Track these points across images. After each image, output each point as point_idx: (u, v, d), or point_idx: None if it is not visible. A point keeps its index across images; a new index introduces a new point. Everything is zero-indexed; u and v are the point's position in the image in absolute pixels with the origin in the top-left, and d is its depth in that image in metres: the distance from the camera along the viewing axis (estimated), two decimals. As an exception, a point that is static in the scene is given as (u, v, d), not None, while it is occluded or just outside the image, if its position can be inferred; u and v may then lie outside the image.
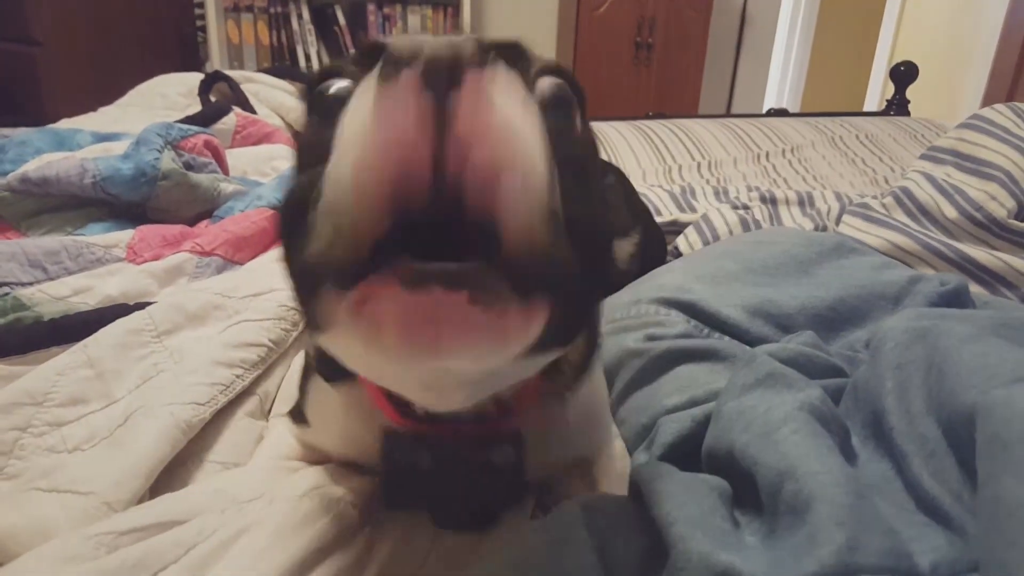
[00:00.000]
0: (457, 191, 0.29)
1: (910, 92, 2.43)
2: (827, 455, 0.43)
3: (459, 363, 0.32)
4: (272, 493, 0.59)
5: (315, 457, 0.67)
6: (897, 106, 2.43)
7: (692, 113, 3.13)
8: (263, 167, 1.38)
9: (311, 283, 0.32)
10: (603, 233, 0.44)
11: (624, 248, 1.00)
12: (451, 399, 0.41)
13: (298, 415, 0.67)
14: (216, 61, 3.29)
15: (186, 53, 3.34)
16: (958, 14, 3.86)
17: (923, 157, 1.21)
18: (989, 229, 1.06)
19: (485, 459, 0.51)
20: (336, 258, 0.30)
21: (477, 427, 0.50)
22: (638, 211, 1.09)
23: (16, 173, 1.03)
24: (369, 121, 0.29)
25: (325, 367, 0.56)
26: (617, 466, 0.67)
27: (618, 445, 0.70)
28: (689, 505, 0.44)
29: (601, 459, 0.67)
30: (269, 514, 0.56)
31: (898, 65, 2.40)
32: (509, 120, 0.30)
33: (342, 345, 0.35)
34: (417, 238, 0.30)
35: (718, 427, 0.54)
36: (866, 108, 4.53)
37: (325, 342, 0.36)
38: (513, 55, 0.38)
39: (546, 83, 0.40)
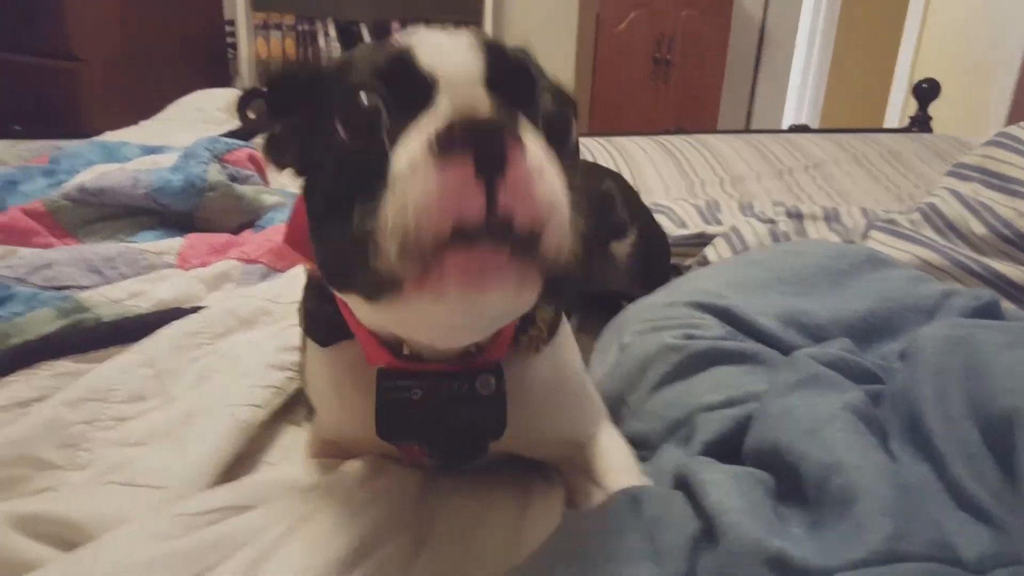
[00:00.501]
0: (504, 231, 0.40)
1: (932, 108, 2.45)
2: (872, 451, 0.46)
3: (496, 301, 0.43)
4: (328, 483, 0.62)
5: (332, 451, 0.70)
6: (920, 123, 2.44)
7: (711, 129, 3.16)
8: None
9: (374, 274, 0.42)
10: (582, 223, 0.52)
11: (621, 248, 1.04)
12: (467, 336, 0.52)
13: (308, 406, 0.71)
14: (245, 76, 3.36)
15: (216, 68, 3.42)
16: (980, 29, 3.87)
17: (950, 174, 1.23)
18: (1018, 245, 1.07)
19: (470, 388, 0.56)
20: (403, 263, 0.41)
21: (461, 362, 0.57)
22: (636, 212, 1.12)
23: (73, 183, 1.08)
24: (432, 186, 0.39)
25: (318, 332, 0.63)
26: (621, 460, 0.69)
27: (619, 439, 0.72)
28: (739, 495, 0.46)
29: (598, 451, 0.69)
30: (327, 503, 0.59)
31: (920, 82, 2.42)
32: (543, 182, 0.41)
33: (400, 311, 0.45)
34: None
35: (763, 424, 0.57)
36: (886, 124, 4.54)
37: (383, 311, 0.46)
38: (523, 78, 0.48)
39: (550, 104, 0.49)
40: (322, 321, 0.62)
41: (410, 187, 0.40)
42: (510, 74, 0.47)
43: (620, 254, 1.07)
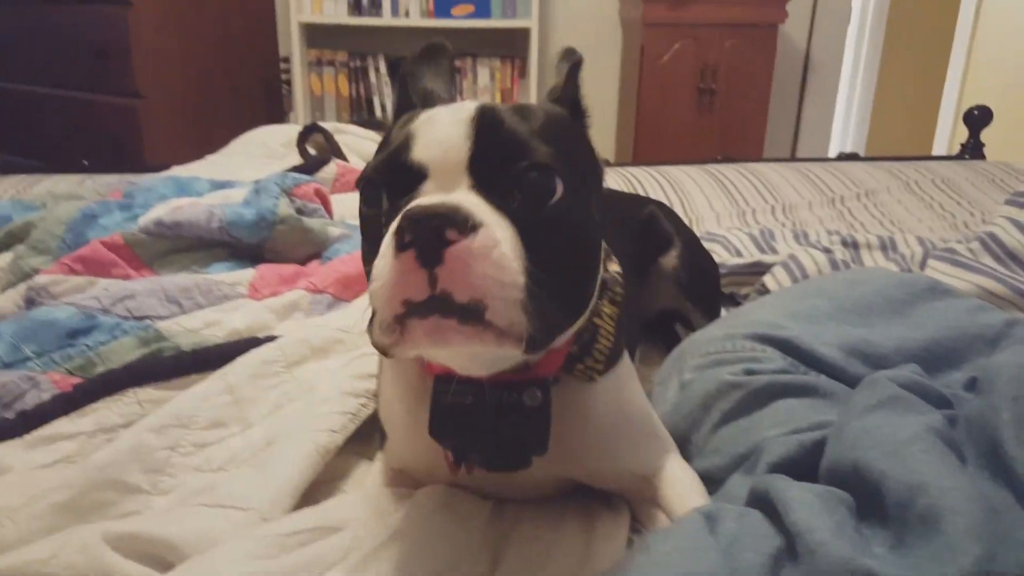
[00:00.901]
0: (446, 304, 0.50)
1: (982, 135, 2.42)
2: (958, 473, 0.47)
3: (472, 351, 0.55)
4: (407, 508, 0.64)
5: (402, 480, 0.73)
6: (971, 150, 2.41)
7: (757, 157, 3.15)
8: (360, 211, 1.46)
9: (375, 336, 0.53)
10: (577, 274, 0.60)
11: (668, 261, 1.07)
12: (480, 369, 0.60)
13: (381, 428, 0.75)
14: (300, 112, 3.46)
15: (272, 104, 3.53)
16: (1029, 57, 3.82)
17: (1008, 203, 1.22)
18: (1079, 273, 1.06)
19: (517, 399, 0.61)
20: (382, 333, 0.52)
21: (512, 375, 0.61)
22: (679, 227, 1.16)
23: (150, 217, 1.13)
24: (389, 272, 0.50)
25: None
26: (689, 486, 0.71)
27: (687, 468, 0.73)
28: (827, 514, 0.47)
29: (666, 478, 0.71)
30: (408, 527, 0.61)
31: (972, 109, 2.39)
32: (486, 262, 0.49)
33: (401, 356, 0.57)
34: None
35: (841, 444, 0.57)
36: (934, 151, 4.48)
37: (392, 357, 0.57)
38: (509, 157, 0.55)
39: (532, 177, 0.55)
40: None
41: (379, 277, 0.51)
42: (493, 154, 0.55)
43: (668, 267, 1.10)
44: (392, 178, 0.56)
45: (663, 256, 1.10)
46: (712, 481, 0.73)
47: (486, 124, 0.56)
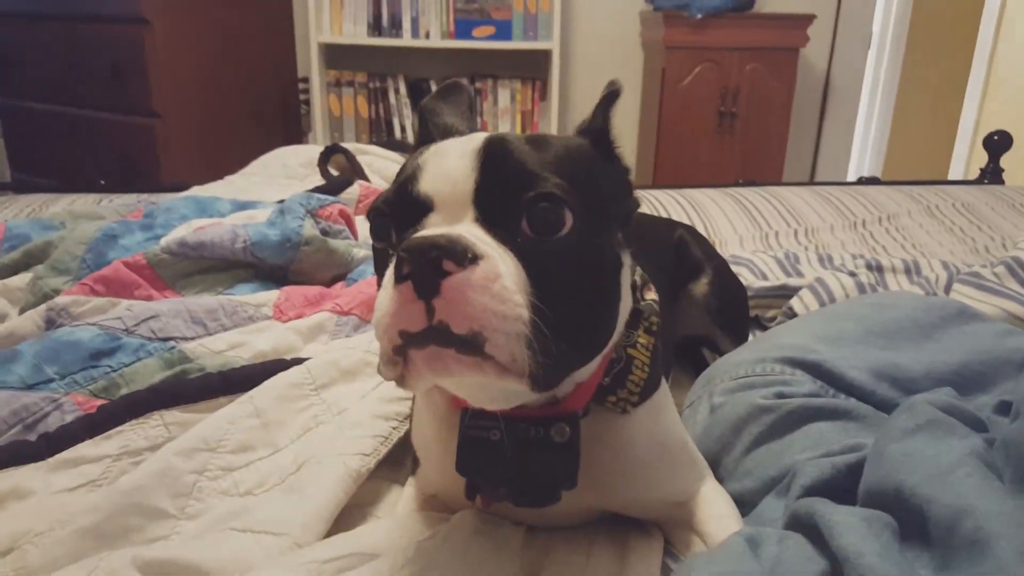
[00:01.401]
0: (443, 335, 0.50)
1: (1002, 160, 2.41)
2: (1003, 497, 0.46)
3: (478, 382, 0.54)
4: (443, 534, 0.64)
5: (433, 505, 0.73)
6: (991, 175, 2.40)
7: (777, 181, 3.15)
8: (384, 233, 1.46)
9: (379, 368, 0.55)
10: (590, 309, 0.58)
11: (699, 288, 1.06)
12: (495, 404, 0.59)
13: (414, 455, 0.74)
14: (318, 132, 3.48)
15: (290, 124, 3.56)
16: (1049, 81, 3.81)
17: (1035, 226, 1.21)
18: (1106, 298, 1.05)
19: (545, 435, 0.60)
20: (386, 364, 0.54)
21: (539, 410, 0.61)
22: (710, 253, 1.15)
23: (174, 237, 1.13)
24: (388, 305, 0.51)
25: None
26: (723, 508, 0.70)
27: (721, 490, 0.73)
28: (872, 538, 0.47)
29: (700, 501, 0.71)
30: (444, 554, 0.60)
31: (992, 134, 2.39)
32: (485, 295, 0.49)
33: (412, 388, 0.55)
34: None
35: (881, 467, 0.57)
36: (952, 175, 4.46)
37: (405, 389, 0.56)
38: (515, 188, 0.54)
39: (540, 208, 0.54)
40: None
41: (380, 308, 0.52)
42: (499, 186, 0.54)
43: (698, 294, 1.09)
44: (400, 210, 0.56)
45: (693, 282, 1.10)
46: (744, 504, 0.73)
47: (493, 155, 0.55)
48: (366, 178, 1.74)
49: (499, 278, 0.50)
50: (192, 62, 2.93)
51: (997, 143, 2.39)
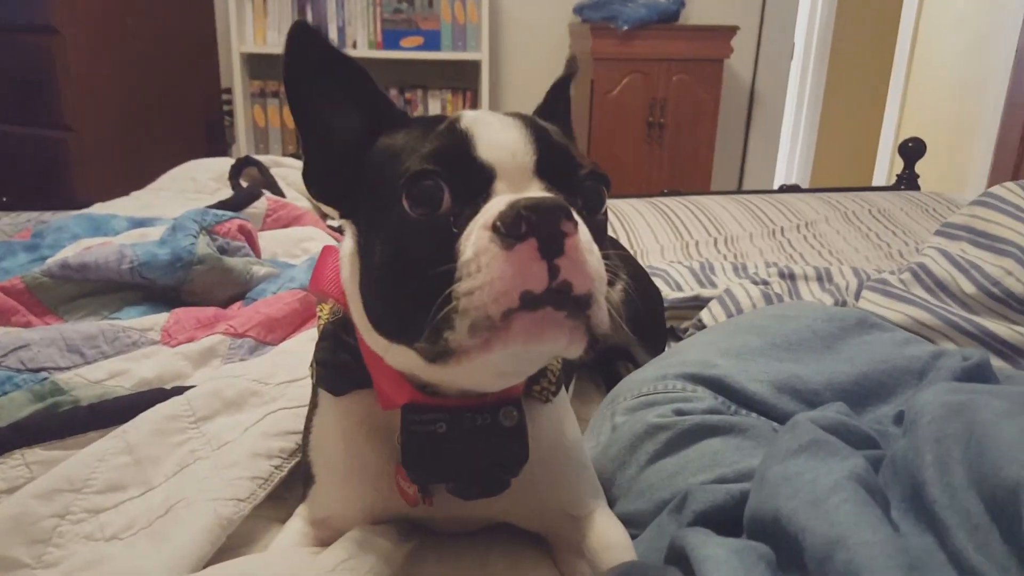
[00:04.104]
0: (562, 298, 0.48)
1: (918, 166, 2.48)
2: (878, 525, 0.44)
3: (547, 351, 0.56)
4: (300, 571, 0.60)
5: (325, 535, 0.69)
6: (907, 181, 2.46)
7: (705, 190, 3.18)
8: (293, 249, 1.41)
9: (442, 344, 0.49)
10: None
11: (614, 295, 1.05)
12: (511, 381, 0.59)
13: (306, 475, 0.70)
14: (242, 144, 3.40)
15: (213, 137, 3.46)
16: (960, 91, 3.95)
17: (938, 233, 1.23)
18: (1007, 304, 1.07)
19: (493, 421, 0.59)
20: (471, 337, 0.48)
21: (481, 397, 0.60)
22: (625, 259, 1.15)
23: (56, 259, 1.07)
24: (501, 269, 0.47)
25: (333, 381, 0.66)
26: (615, 537, 0.69)
27: (613, 518, 0.71)
28: (741, 573, 0.45)
29: (593, 527, 0.69)
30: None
31: (906, 141, 2.45)
32: (591, 255, 0.50)
33: (455, 368, 0.50)
34: None
35: (763, 492, 0.55)
36: (874, 181, 4.59)
37: (437, 369, 0.52)
38: (567, 162, 0.56)
39: (588, 183, 0.57)
40: (337, 370, 0.65)
41: (482, 272, 0.48)
42: (556, 159, 0.55)
43: (614, 301, 1.06)
44: (456, 174, 0.53)
45: (609, 288, 1.08)
46: (636, 525, 0.72)
47: (538, 132, 0.56)
48: (280, 191, 1.69)
49: (592, 243, 0.51)
50: (108, 73, 2.81)
51: (912, 149, 2.46)
